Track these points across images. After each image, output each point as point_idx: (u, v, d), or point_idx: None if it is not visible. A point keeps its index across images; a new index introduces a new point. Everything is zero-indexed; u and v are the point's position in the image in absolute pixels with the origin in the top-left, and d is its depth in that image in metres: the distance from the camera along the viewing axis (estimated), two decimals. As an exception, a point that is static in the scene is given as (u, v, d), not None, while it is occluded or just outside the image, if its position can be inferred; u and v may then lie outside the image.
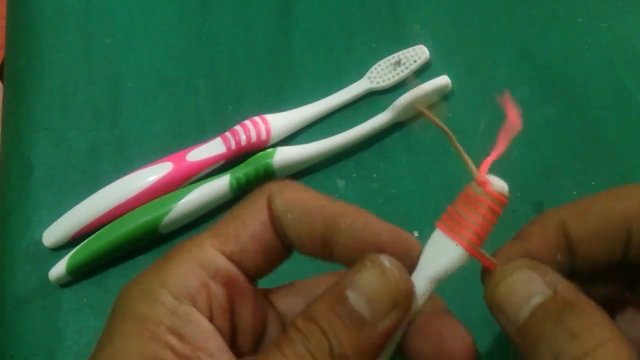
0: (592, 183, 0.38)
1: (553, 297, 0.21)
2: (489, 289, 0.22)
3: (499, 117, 0.41)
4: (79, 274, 0.39)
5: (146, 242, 0.39)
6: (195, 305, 0.23)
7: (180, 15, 0.48)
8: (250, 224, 0.24)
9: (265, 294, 0.27)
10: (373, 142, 0.41)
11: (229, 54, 0.46)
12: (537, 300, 0.21)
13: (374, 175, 0.40)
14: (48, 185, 0.42)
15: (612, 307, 0.25)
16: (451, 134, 0.24)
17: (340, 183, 0.40)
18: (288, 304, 0.27)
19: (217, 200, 0.39)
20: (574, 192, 0.38)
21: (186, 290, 0.23)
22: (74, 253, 0.38)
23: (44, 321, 0.38)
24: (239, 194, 0.40)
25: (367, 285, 0.22)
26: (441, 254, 0.23)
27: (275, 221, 0.25)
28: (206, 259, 0.23)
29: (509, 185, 0.38)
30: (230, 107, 0.43)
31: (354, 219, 0.24)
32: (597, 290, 0.25)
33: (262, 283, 0.26)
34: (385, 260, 0.22)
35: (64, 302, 0.38)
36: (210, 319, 0.23)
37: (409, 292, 0.22)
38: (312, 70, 0.44)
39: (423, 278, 0.23)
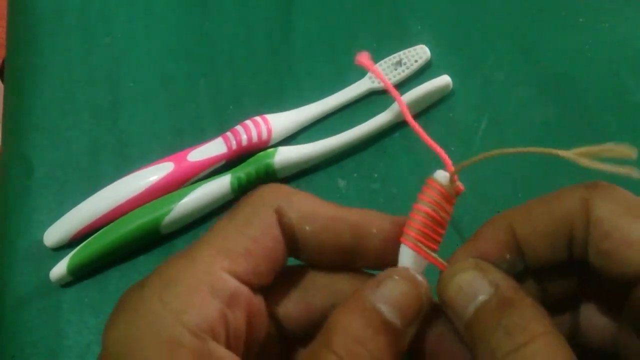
0: (593, 183, 0.38)
1: (494, 295, 0.22)
2: (439, 288, 0.23)
3: (500, 117, 0.41)
4: (80, 274, 0.39)
5: (147, 242, 0.39)
6: (213, 337, 0.21)
7: (180, 14, 0.48)
8: (261, 241, 0.23)
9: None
10: (374, 141, 0.41)
11: (229, 54, 0.46)
12: (481, 299, 0.22)
13: (375, 175, 0.40)
14: (48, 186, 0.42)
15: (571, 301, 0.26)
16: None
17: (341, 183, 0.40)
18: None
19: (218, 201, 0.39)
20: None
21: (206, 325, 0.21)
22: (74, 253, 0.38)
23: (45, 321, 0.38)
24: (240, 194, 0.40)
25: (399, 296, 0.22)
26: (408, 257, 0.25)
27: (287, 234, 0.24)
28: (219, 284, 0.22)
29: (510, 185, 0.38)
30: (231, 106, 0.43)
31: (380, 222, 0.25)
32: (554, 285, 0.25)
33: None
34: (417, 274, 0.23)
35: (65, 302, 0.38)
36: (228, 346, 0.22)
37: (432, 300, 0.23)
38: (313, 70, 0.44)
39: None
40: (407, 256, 0.24)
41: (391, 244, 0.24)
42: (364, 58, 0.28)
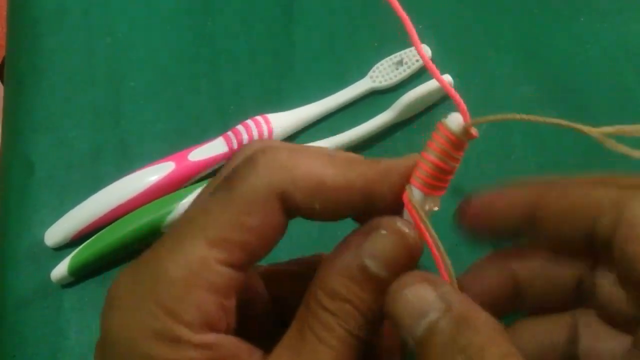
0: (595, 182, 0.38)
1: (447, 312, 0.21)
2: (386, 301, 0.22)
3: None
4: (80, 275, 0.39)
5: (148, 242, 0.39)
6: (214, 329, 0.21)
7: (181, 14, 0.48)
8: (262, 232, 0.22)
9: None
10: (375, 141, 0.41)
11: (230, 53, 0.45)
12: (433, 316, 0.21)
13: (376, 175, 0.40)
14: (49, 185, 0.42)
15: (577, 323, 0.25)
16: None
17: (342, 183, 0.40)
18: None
19: (219, 200, 0.39)
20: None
21: (207, 321, 0.21)
22: (75, 254, 0.38)
23: (46, 321, 0.38)
24: (241, 193, 0.40)
25: (387, 251, 0.22)
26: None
27: (292, 213, 0.22)
28: (216, 279, 0.21)
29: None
30: (232, 106, 0.43)
31: (391, 178, 0.23)
32: (564, 269, 0.25)
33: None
34: (404, 226, 0.22)
35: (66, 301, 0.38)
36: (227, 330, 0.22)
37: (421, 251, 0.22)
38: (314, 69, 0.44)
39: None
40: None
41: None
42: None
